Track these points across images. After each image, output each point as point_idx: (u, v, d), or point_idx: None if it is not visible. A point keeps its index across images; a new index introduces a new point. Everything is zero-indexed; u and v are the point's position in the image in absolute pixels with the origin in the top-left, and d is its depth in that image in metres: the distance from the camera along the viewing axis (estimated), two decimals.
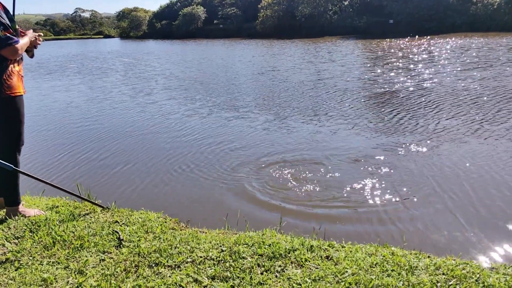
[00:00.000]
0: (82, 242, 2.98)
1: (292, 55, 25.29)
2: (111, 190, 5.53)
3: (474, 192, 4.87)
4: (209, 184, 5.54)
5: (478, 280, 2.43)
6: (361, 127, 8.03)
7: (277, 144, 7.15)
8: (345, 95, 11.45)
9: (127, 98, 12.92)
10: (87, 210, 3.71)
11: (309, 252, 2.82)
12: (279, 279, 2.49)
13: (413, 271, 2.55)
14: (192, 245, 2.95)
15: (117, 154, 7.04)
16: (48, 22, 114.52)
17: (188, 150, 7.05)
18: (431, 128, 7.71)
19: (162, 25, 73.17)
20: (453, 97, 10.35)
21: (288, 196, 5.01)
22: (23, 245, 2.97)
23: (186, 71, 19.70)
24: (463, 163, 5.78)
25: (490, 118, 8.17)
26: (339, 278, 2.48)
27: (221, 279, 2.51)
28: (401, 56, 21.18)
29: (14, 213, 3.46)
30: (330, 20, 50.90)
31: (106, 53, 36.93)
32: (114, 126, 9.14)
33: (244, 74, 17.62)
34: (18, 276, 2.58)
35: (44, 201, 4.05)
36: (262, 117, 9.33)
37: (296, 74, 16.43)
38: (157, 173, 6.05)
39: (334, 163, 6.02)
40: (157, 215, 3.68)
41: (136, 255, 2.81)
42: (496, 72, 13.82)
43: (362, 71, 16.41)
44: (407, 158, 6.13)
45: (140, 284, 2.45)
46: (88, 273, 2.59)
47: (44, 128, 9.29)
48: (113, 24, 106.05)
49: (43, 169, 6.44)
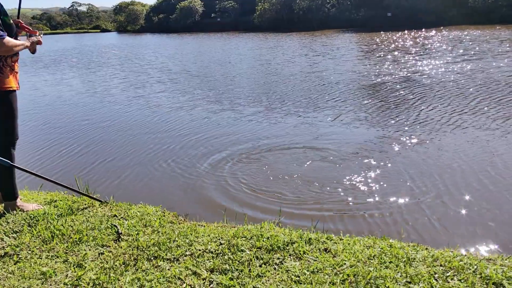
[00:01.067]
0: (81, 236, 2.98)
1: (287, 48, 25.23)
2: (109, 184, 5.53)
3: (472, 184, 4.89)
4: (207, 178, 5.53)
5: (476, 271, 2.44)
6: (357, 119, 8.04)
7: (274, 136, 7.15)
8: (338, 87, 11.46)
9: (120, 91, 12.89)
10: (86, 204, 3.71)
11: (308, 245, 2.83)
12: (277, 272, 2.50)
13: (411, 263, 2.56)
14: (190, 239, 2.96)
15: (113, 148, 7.03)
16: (45, 16, 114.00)
17: (185, 143, 7.04)
18: (428, 119, 7.72)
19: (159, 19, 72.90)
20: (441, 89, 10.41)
21: (286, 189, 5.01)
22: (22, 239, 2.97)
23: (180, 64, 19.67)
24: (458, 155, 5.80)
25: (472, 108, 8.21)
26: (337, 270, 2.49)
27: (220, 271, 2.51)
28: (397, 49, 21.14)
29: (12, 207, 3.46)
30: (328, 13, 50.77)
31: (102, 47, 36.75)
32: (114, 121, 9.13)
33: (238, 67, 17.58)
34: (17, 270, 2.58)
35: (42, 196, 4.05)
36: (253, 109, 9.33)
37: (289, 67, 16.41)
38: (151, 166, 6.05)
39: (332, 156, 6.03)
40: (156, 209, 3.69)
41: (135, 249, 2.81)
42: (485, 65, 13.86)
43: (355, 64, 16.39)
44: (402, 151, 6.14)
45: (139, 277, 2.46)
46: (87, 266, 2.60)
47: (37, 122, 9.26)
48: (110, 18, 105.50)
49: (38, 163, 6.43)
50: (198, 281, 2.43)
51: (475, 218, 4.13)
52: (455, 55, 16.88)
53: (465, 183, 4.93)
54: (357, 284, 2.33)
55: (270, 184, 5.16)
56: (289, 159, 6.03)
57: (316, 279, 2.39)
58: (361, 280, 2.36)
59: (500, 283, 2.31)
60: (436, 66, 14.31)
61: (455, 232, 3.92)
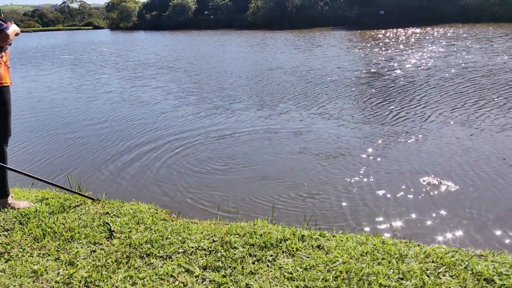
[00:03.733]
0: (73, 234, 2.97)
1: (278, 46, 25.23)
2: (100, 181, 5.50)
3: (467, 181, 4.93)
4: (200, 174, 5.52)
5: (467, 267, 2.46)
6: (347, 119, 8.06)
7: (273, 132, 7.16)
8: (332, 86, 11.49)
9: (113, 88, 12.84)
10: (78, 202, 3.69)
11: (301, 242, 2.84)
12: (270, 269, 2.50)
13: (403, 259, 2.57)
14: (183, 236, 2.95)
15: (104, 144, 7.00)
16: (36, 13, 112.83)
17: (177, 141, 7.02)
18: (425, 117, 7.76)
19: (152, 16, 72.48)
20: (426, 87, 10.47)
21: (280, 186, 5.02)
22: (13, 237, 2.95)
23: (168, 62, 19.62)
24: (453, 150, 5.84)
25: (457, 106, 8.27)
26: (330, 266, 2.50)
27: (213, 269, 2.51)
28: (387, 46, 21.22)
29: (3, 205, 3.43)
30: (321, 11, 50.80)
31: (91, 44, 36.52)
32: (113, 117, 9.08)
33: (229, 65, 17.56)
34: (8, 268, 2.56)
35: (33, 193, 4.02)
36: (256, 108, 9.34)
37: (280, 65, 16.41)
38: (147, 165, 6.03)
39: (321, 153, 6.05)
40: (148, 206, 3.67)
41: (127, 246, 2.80)
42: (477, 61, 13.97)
43: (344, 62, 16.43)
44: (393, 147, 6.17)
45: (131, 275, 2.45)
46: (79, 264, 2.58)
47: (27, 119, 9.20)
48: (102, 15, 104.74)
49: (28, 161, 6.38)
50: (191, 278, 2.42)
51: (470, 213, 4.17)
52: (445, 53, 16.98)
53: (465, 179, 4.97)
54: (350, 280, 2.34)
55: (264, 181, 5.16)
56: (290, 157, 6.03)
57: (309, 276, 2.39)
58: (353, 277, 2.37)
59: (491, 279, 2.33)
60: (426, 63, 14.39)
61: (448, 228, 3.95)
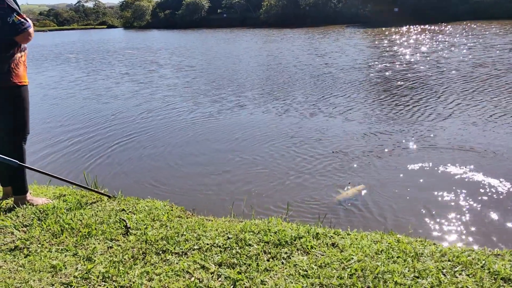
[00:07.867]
0: (90, 230, 3.01)
1: (293, 44, 25.15)
2: (118, 178, 5.56)
3: (481, 181, 4.87)
4: (214, 173, 5.55)
5: (484, 266, 2.43)
6: (368, 116, 8.02)
7: (284, 132, 7.16)
8: (348, 85, 11.43)
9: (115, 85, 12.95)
10: (94, 198, 3.74)
11: (315, 240, 2.84)
12: (285, 266, 2.51)
13: (419, 258, 2.56)
14: (198, 233, 2.97)
15: (125, 144, 7.07)
16: (52, 12, 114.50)
17: (192, 139, 7.07)
18: (427, 112, 7.68)
19: (165, 15, 72.83)
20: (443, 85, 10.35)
21: (294, 183, 5.02)
22: (32, 233, 3.01)
23: (185, 61, 19.71)
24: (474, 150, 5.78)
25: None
26: (345, 264, 2.50)
27: (228, 265, 2.53)
28: (401, 44, 21.01)
29: (22, 201, 3.49)
30: (334, 9, 50.51)
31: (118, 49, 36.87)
32: (122, 114, 9.17)
33: (241, 63, 17.57)
34: (27, 263, 2.61)
35: (51, 190, 4.09)
36: (268, 104, 9.35)
37: (294, 64, 16.38)
38: (162, 162, 6.08)
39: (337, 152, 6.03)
40: (164, 203, 3.70)
41: (143, 243, 2.84)
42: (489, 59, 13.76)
43: (357, 60, 16.32)
44: (410, 146, 6.13)
45: (148, 271, 2.48)
46: (97, 260, 2.62)
47: (43, 118, 9.33)
48: (116, 14, 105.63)
49: (45, 158, 6.48)
50: (207, 274, 2.44)
51: (487, 213, 4.12)
52: (459, 51, 16.76)
53: (478, 179, 4.91)
54: (365, 278, 2.34)
55: (278, 179, 5.17)
56: (298, 155, 6.03)
57: (324, 273, 2.39)
58: (369, 275, 2.36)
59: (509, 278, 2.30)
60: (442, 60, 14.22)
61: (464, 227, 3.91)
